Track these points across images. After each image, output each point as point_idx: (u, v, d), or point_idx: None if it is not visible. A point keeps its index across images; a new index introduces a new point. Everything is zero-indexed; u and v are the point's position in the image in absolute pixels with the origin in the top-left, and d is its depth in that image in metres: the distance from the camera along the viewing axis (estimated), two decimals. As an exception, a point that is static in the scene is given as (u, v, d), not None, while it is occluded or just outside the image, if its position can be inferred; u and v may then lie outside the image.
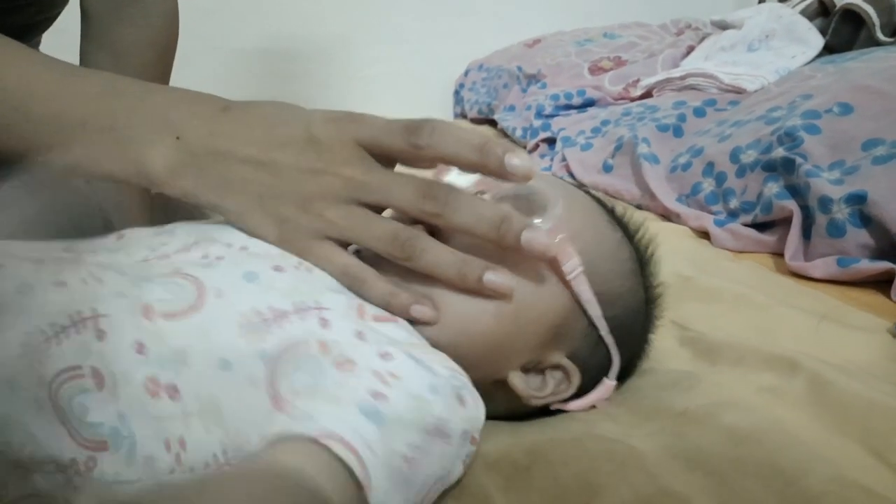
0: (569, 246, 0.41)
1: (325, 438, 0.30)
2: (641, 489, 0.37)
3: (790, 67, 1.17)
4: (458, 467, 0.36)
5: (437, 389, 0.35)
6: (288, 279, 0.38)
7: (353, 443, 0.30)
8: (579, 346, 0.44)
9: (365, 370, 0.34)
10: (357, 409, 0.31)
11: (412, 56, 1.97)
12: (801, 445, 0.41)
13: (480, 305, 0.40)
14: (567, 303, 0.42)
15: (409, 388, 0.34)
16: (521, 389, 0.42)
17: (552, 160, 1.25)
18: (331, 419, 0.31)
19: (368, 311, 0.38)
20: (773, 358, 0.51)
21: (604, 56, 1.56)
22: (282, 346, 0.35)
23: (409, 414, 0.33)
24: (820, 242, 0.74)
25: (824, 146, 0.80)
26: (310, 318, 0.36)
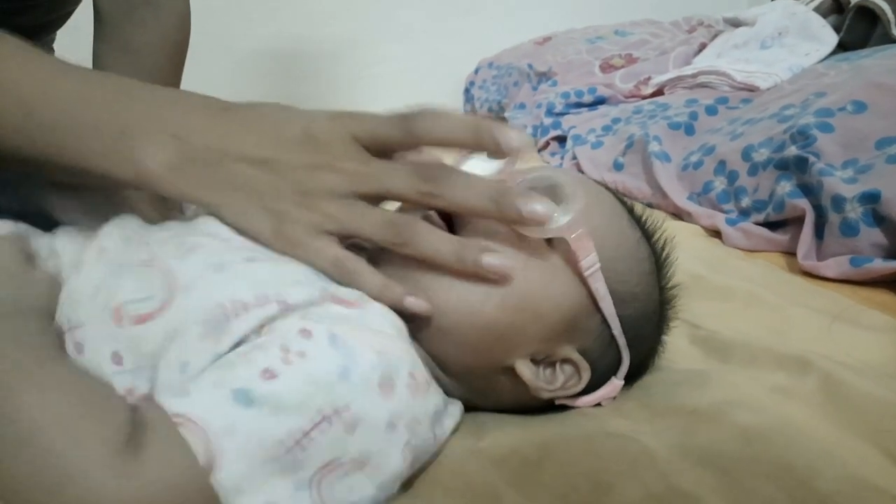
0: (588, 240, 0.41)
1: (179, 420, 0.30)
2: (652, 487, 0.37)
3: (803, 65, 1.16)
4: (394, 460, 0.34)
5: (346, 375, 0.33)
6: (257, 269, 0.38)
7: (208, 427, 0.30)
8: (591, 343, 0.43)
9: (275, 345, 0.34)
10: (230, 391, 0.31)
11: (422, 54, 1.97)
12: (813, 445, 0.40)
13: (484, 293, 0.40)
14: (581, 298, 0.42)
15: (310, 370, 0.33)
16: (529, 378, 0.42)
17: (563, 158, 1.25)
18: (198, 400, 0.31)
19: (332, 293, 0.38)
20: (784, 357, 0.50)
21: (615, 53, 1.55)
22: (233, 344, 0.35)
23: (298, 397, 0.32)
24: (833, 241, 0.73)
25: (837, 144, 0.79)
26: (269, 306, 0.36)
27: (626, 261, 0.44)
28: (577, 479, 0.38)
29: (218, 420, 0.30)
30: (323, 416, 0.32)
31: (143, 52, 0.77)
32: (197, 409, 0.31)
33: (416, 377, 0.37)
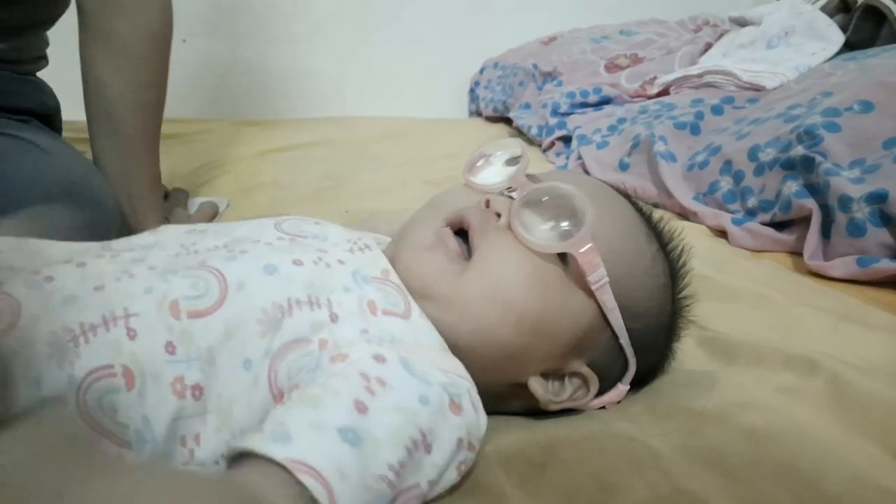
0: (595, 255, 0.40)
1: (295, 468, 0.29)
2: (658, 488, 0.37)
3: (810, 64, 1.15)
4: (450, 475, 0.35)
5: (426, 399, 0.34)
6: (306, 273, 0.39)
7: (324, 472, 0.29)
8: (600, 356, 0.44)
9: (355, 372, 0.34)
10: (336, 431, 0.31)
11: (427, 54, 1.97)
12: (820, 446, 0.40)
13: (500, 314, 0.40)
14: (593, 315, 0.42)
15: (395, 399, 0.33)
16: (541, 395, 0.42)
17: (568, 158, 1.25)
18: (306, 443, 0.30)
19: (379, 307, 0.39)
20: (791, 358, 0.50)
21: (620, 53, 1.55)
22: (286, 343, 0.35)
23: (390, 430, 0.32)
24: (839, 242, 0.73)
25: (844, 144, 0.79)
26: (321, 310, 0.37)
27: (640, 277, 0.44)
28: (583, 480, 0.38)
29: (330, 464, 0.29)
30: (413, 443, 0.33)
31: (125, 42, 0.78)
32: (308, 455, 0.29)
33: (472, 395, 0.37)
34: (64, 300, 0.35)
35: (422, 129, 1.62)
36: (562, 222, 0.41)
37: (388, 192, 1.06)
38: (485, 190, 0.45)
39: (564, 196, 0.42)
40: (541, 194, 0.42)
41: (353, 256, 0.42)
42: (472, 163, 0.47)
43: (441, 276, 0.41)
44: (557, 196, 0.42)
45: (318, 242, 0.42)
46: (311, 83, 1.89)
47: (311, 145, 1.41)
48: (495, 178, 0.46)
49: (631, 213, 0.47)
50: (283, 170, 1.20)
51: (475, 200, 0.44)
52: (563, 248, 0.41)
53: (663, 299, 0.46)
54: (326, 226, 0.45)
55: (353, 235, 0.44)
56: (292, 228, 0.43)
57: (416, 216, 0.46)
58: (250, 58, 1.84)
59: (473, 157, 0.48)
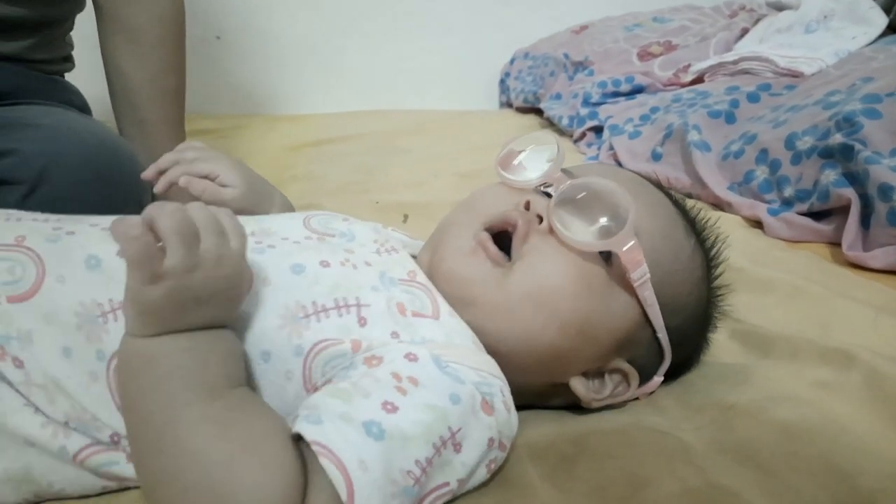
0: (638, 253, 0.40)
1: (318, 449, 0.30)
2: (689, 482, 0.37)
3: (850, 49, 1.12)
4: (480, 473, 0.36)
5: (458, 398, 0.34)
6: (333, 275, 0.39)
7: (344, 459, 0.30)
8: (639, 353, 0.44)
9: (387, 372, 0.34)
10: (361, 424, 0.31)
11: (457, 46, 1.96)
12: (856, 441, 0.40)
13: (544, 319, 0.40)
14: (635, 314, 0.42)
15: (426, 397, 0.34)
16: (583, 394, 0.42)
17: (599, 149, 1.23)
18: (334, 428, 0.31)
19: (408, 308, 0.39)
20: (828, 351, 0.50)
21: (653, 41, 1.53)
22: (317, 342, 0.36)
23: (419, 427, 0.33)
24: (879, 231, 0.71)
25: (885, 131, 0.76)
26: (349, 315, 0.37)
27: (680, 273, 0.44)
28: (613, 473, 0.38)
29: (353, 453, 0.30)
30: (442, 440, 0.33)
31: (139, 30, 0.81)
32: (333, 440, 0.30)
33: (505, 394, 0.37)
34: None
35: (452, 122, 1.62)
36: (602, 219, 0.40)
37: (419, 184, 1.07)
38: (520, 187, 0.44)
39: (604, 192, 0.41)
40: (578, 190, 0.41)
41: (379, 258, 0.42)
42: (504, 158, 0.46)
43: (485, 282, 0.40)
44: (596, 192, 0.41)
45: (345, 242, 0.43)
46: (342, 77, 1.90)
47: (342, 139, 1.43)
48: (530, 175, 0.44)
49: (669, 207, 0.47)
50: (315, 163, 1.22)
51: (513, 202, 0.43)
52: (605, 246, 0.40)
53: (701, 292, 0.46)
54: (354, 223, 0.45)
55: (380, 237, 0.45)
56: (321, 226, 0.44)
57: (452, 219, 0.45)
58: (282, 53, 1.86)
59: (505, 151, 0.46)
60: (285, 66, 1.87)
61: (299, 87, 1.88)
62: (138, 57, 0.82)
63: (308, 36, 1.87)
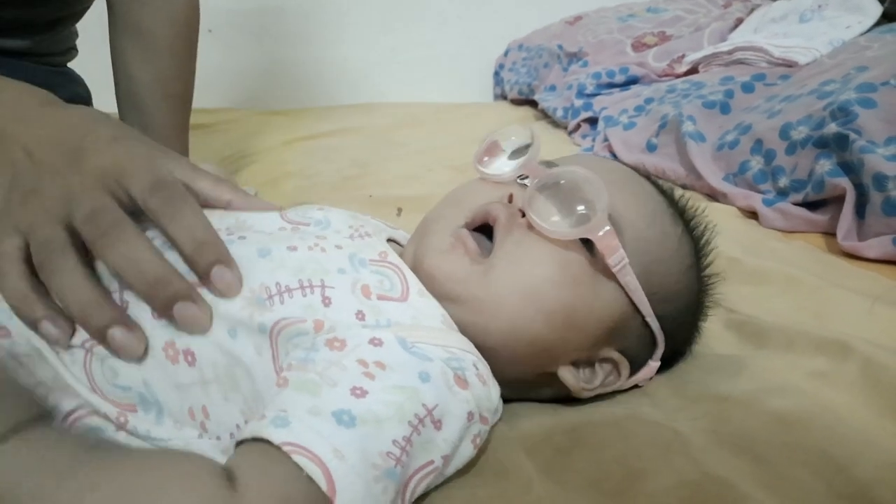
0: (613, 238, 0.40)
1: (290, 449, 0.29)
2: (685, 474, 0.37)
3: (845, 38, 1.12)
4: (465, 448, 0.36)
5: (427, 376, 0.34)
6: (299, 257, 0.39)
7: (318, 452, 0.29)
8: (630, 342, 0.43)
9: (353, 359, 0.34)
10: (331, 415, 0.31)
11: (451, 38, 1.95)
12: (853, 431, 0.40)
13: (532, 312, 0.40)
14: (623, 303, 0.42)
15: (395, 378, 0.34)
16: (572, 384, 0.42)
17: (594, 140, 1.23)
18: (302, 426, 0.30)
19: (374, 291, 0.38)
20: (823, 341, 0.49)
21: (648, 31, 1.52)
22: (280, 321, 0.36)
23: (391, 408, 0.32)
24: (875, 221, 0.71)
25: (880, 121, 0.76)
26: (313, 294, 0.37)
27: (668, 262, 0.44)
28: (609, 465, 0.38)
29: (326, 445, 0.30)
30: (418, 418, 0.33)
31: (153, 33, 0.79)
32: (304, 437, 0.30)
33: (479, 368, 0.37)
34: None
35: (447, 114, 1.61)
36: (578, 207, 0.40)
37: (414, 178, 1.06)
38: (498, 180, 0.44)
39: (579, 180, 0.41)
40: (554, 179, 0.42)
41: (352, 242, 0.42)
42: (482, 152, 0.46)
43: (467, 277, 0.40)
44: (571, 180, 0.41)
45: (318, 229, 0.42)
46: (335, 71, 1.90)
47: (336, 133, 1.42)
48: (507, 168, 0.45)
49: (655, 196, 0.46)
50: (309, 158, 1.21)
51: (497, 195, 0.43)
52: (580, 233, 0.40)
53: (691, 280, 0.46)
54: (330, 211, 0.45)
55: (356, 223, 0.44)
56: (296, 216, 0.43)
57: (435, 215, 0.45)
58: (275, 47, 1.85)
59: (483, 146, 0.47)
60: (278, 59, 1.86)
61: (292, 80, 1.87)
62: (148, 61, 0.80)
63: (301, 29, 1.86)
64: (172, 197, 0.38)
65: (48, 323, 0.35)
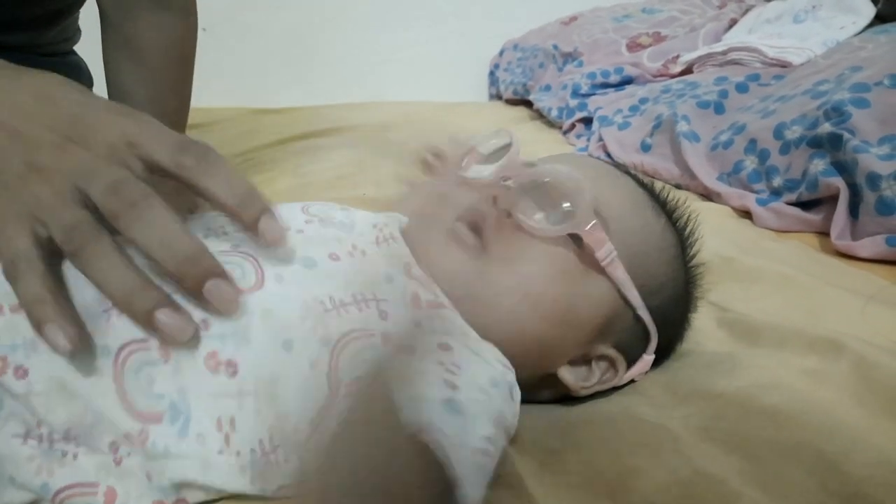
0: (599, 231, 0.40)
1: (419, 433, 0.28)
2: (677, 472, 0.37)
3: (839, 39, 1.12)
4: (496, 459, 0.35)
5: (496, 383, 0.35)
6: (344, 268, 0.38)
7: (441, 439, 0.29)
8: (623, 337, 0.44)
9: (429, 360, 0.34)
10: (439, 403, 0.31)
11: (446, 37, 1.95)
12: (845, 429, 0.40)
13: (528, 310, 0.40)
14: (614, 298, 0.42)
15: (475, 379, 0.34)
16: (572, 383, 0.42)
17: (589, 140, 1.23)
18: (415, 412, 0.29)
19: (423, 298, 0.38)
20: (816, 340, 0.49)
21: (643, 32, 1.53)
22: (345, 333, 0.35)
23: (480, 405, 0.32)
24: (868, 221, 0.71)
25: (874, 120, 0.77)
26: (369, 309, 0.37)
27: (653, 253, 0.44)
28: (601, 464, 0.38)
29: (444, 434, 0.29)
30: (495, 420, 0.33)
31: (149, 46, 0.76)
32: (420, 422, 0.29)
33: (515, 384, 0.37)
34: None
35: (442, 114, 1.61)
36: (563, 205, 0.41)
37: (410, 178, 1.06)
38: (479, 184, 0.44)
39: (561, 177, 0.41)
40: (536, 178, 0.42)
41: (378, 249, 0.41)
42: (461, 157, 0.47)
43: (465, 275, 0.40)
44: (554, 178, 0.41)
45: (346, 231, 0.42)
46: (331, 70, 1.89)
47: (331, 132, 1.42)
48: (486, 171, 0.45)
49: (635, 189, 0.47)
50: (303, 158, 1.21)
51: (483, 195, 0.43)
52: (567, 229, 0.40)
53: (677, 271, 0.46)
54: (353, 213, 0.44)
55: (378, 220, 0.43)
56: (320, 212, 0.43)
57: (424, 214, 0.45)
58: (269, 45, 1.85)
59: (461, 151, 0.47)
60: (272, 58, 1.86)
61: (286, 79, 1.87)
62: (141, 77, 0.77)
63: (295, 27, 1.86)
64: (207, 153, 0.35)
65: (56, 328, 0.32)
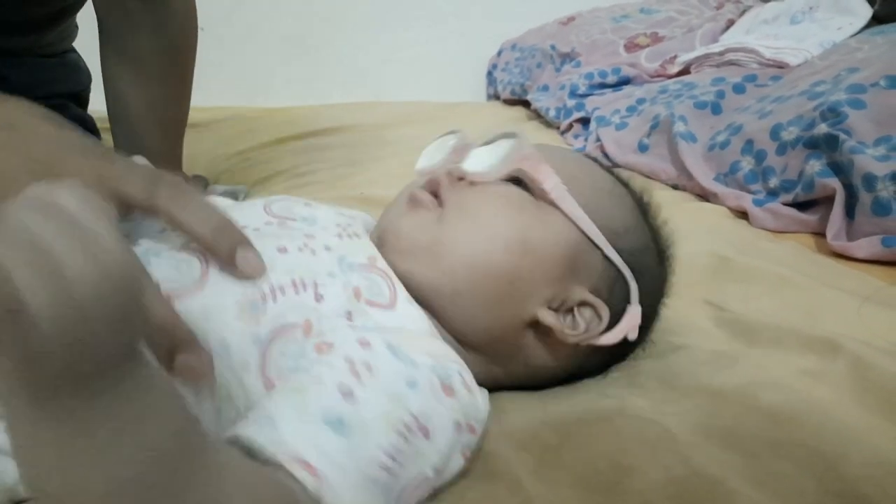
0: (543, 164, 0.43)
1: (289, 462, 0.28)
2: (674, 470, 0.37)
3: (835, 40, 1.12)
4: (455, 461, 0.35)
5: (414, 383, 0.34)
6: (289, 260, 0.39)
7: (317, 464, 0.28)
8: (598, 281, 0.44)
9: (340, 357, 0.34)
10: (322, 421, 0.30)
11: (445, 37, 1.95)
12: (842, 428, 0.40)
13: (488, 243, 0.41)
14: (575, 233, 0.43)
15: (382, 384, 0.33)
16: (553, 323, 0.42)
17: (586, 140, 1.24)
18: (293, 433, 0.29)
19: (363, 295, 0.39)
20: (813, 340, 0.50)
21: (640, 32, 1.53)
22: (273, 331, 0.35)
23: (380, 415, 0.32)
24: (864, 221, 0.72)
25: (870, 121, 0.77)
26: (306, 292, 0.37)
27: (608, 197, 0.46)
28: (598, 461, 0.38)
29: (323, 457, 0.29)
30: (407, 428, 0.32)
31: (147, 58, 0.76)
32: (299, 447, 0.29)
33: (464, 376, 0.37)
34: None
35: (440, 114, 1.61)
36: (503, 148, 0.44)
37: (406, 178, 1.06)
38: (434, 170, 0.47)
39: (501, 135, 0.45)
40: (481, 142, 0.45)
41: (340, 242, 0.42)
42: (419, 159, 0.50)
43: (423, 225, 0.43)
44: (495, 137, 0.45)
45: (306, 227, 0.42)
46: (329, 70, 1.89)
47: (329, 132, 1.42)
48: (439, 158, 0.48)
49: (579, 155, 0.51)
50: (301, 157, 1.20)
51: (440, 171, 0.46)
52: (509, 165, 0.43)
53: (639, 220, 0.47)
54: (317, 208, 0.45)
55: (343, 220, 0.44)
56: (281, 211, 0.43)
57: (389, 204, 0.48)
58: (267, 45, 1.85)
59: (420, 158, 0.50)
60: (270, 57, 1.86)
61: (284, 78, 1.87)
62: (140, 86, 0.77)
63: (293, 27, 1.86)
64: (179, 186, 0.37)
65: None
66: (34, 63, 0.75)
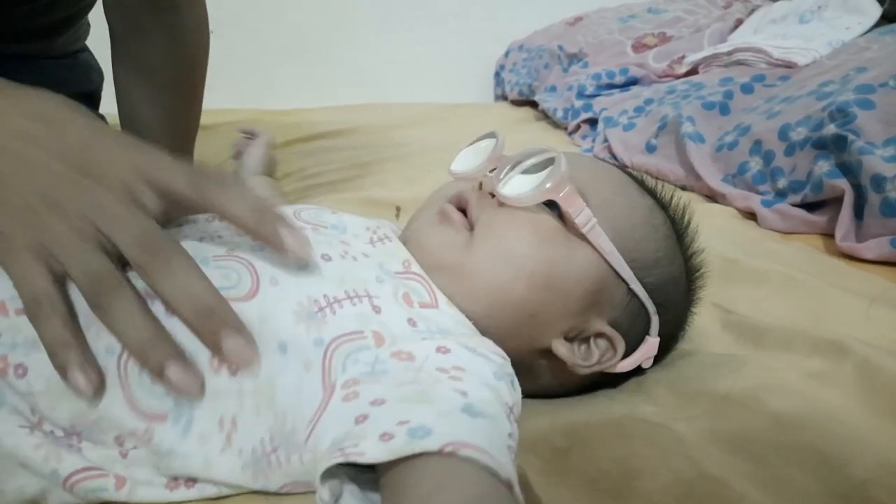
0: (576, 197, 0.41)
1: (452, 448, 0.28)
2: (681, 473, 0.37)
3: (844, 39, 1.12)
4: None
5: (499, 376, 0.35)
6: (336, 268, 0.39)
7: (479, 443, 0.28)
8: (620, 314, 0.44)
9: (429, 367, 0.34)
10: (460, 412, 0.30)
11: (452, 38, 1.96)
12: (848, 431, 0.40)
13: (512, 275, 0.41)
14: (602, 267, 0.43)
15: (480, 379, 0.34)
16: (566, 356, 0.42)
17: (594, 141, 1.23)
18: (445, 426, 0.29)
19: (414, 299, 0.39)
20: (821, 342, 0.50)
21: (648, 32, 1.52)
22: (336, 336, 0.36)
23: (491, 403, 0.32)
24: (873, 222, 0.71)
25: (879, 122, 0.77)
26: (362, 304, 0.37)
27: (641, 228, 0.45)
28: (606, 465, 0.38)
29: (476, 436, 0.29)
30: (509, 416, 0.33)
31: (158, 67, 0.76)
32: (457, 434, 0.28)
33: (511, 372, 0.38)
34: None
35: (447, 115, 1.61)
36: (540, 174, 0.43)
37: (414, 179, 1.06)
38: (469, 176, 0.47)
39: (536, 153, 0.44)
40: (516, 160, 0.45)
41: (374, 249, 0.42)
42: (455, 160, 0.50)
43: (450, 245, 0.42)
44: (531, 156, 0.44)
45: (338, 234, 0.43)
46: (336, 71, 1.90)
47: (335, 134, 1.42)
48: (475, 163, 0.47)
49: (619, 174, 0.49)
50: (308, 159, 1.21)
51: (470, 184, 0.46)
52: (543, 194, 0.42)
53: (672, 251, 0.46)
54: (343, 215, 0.45)
55: (371, 223, 0.45)
56: (311, 218, 0.44)
57: (420, 208, 0.48)
58: (274, 47, 1.86)
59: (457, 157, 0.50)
60: (277, 59, 1.86)
61: (291, 81, 1.88)
62: (151, 96, 0.77)
63: (300, 29, 1.86)
64: (220, 176, 0.35)
65: (80, 373, 0.32)
66: (46, 65, 0.75)
